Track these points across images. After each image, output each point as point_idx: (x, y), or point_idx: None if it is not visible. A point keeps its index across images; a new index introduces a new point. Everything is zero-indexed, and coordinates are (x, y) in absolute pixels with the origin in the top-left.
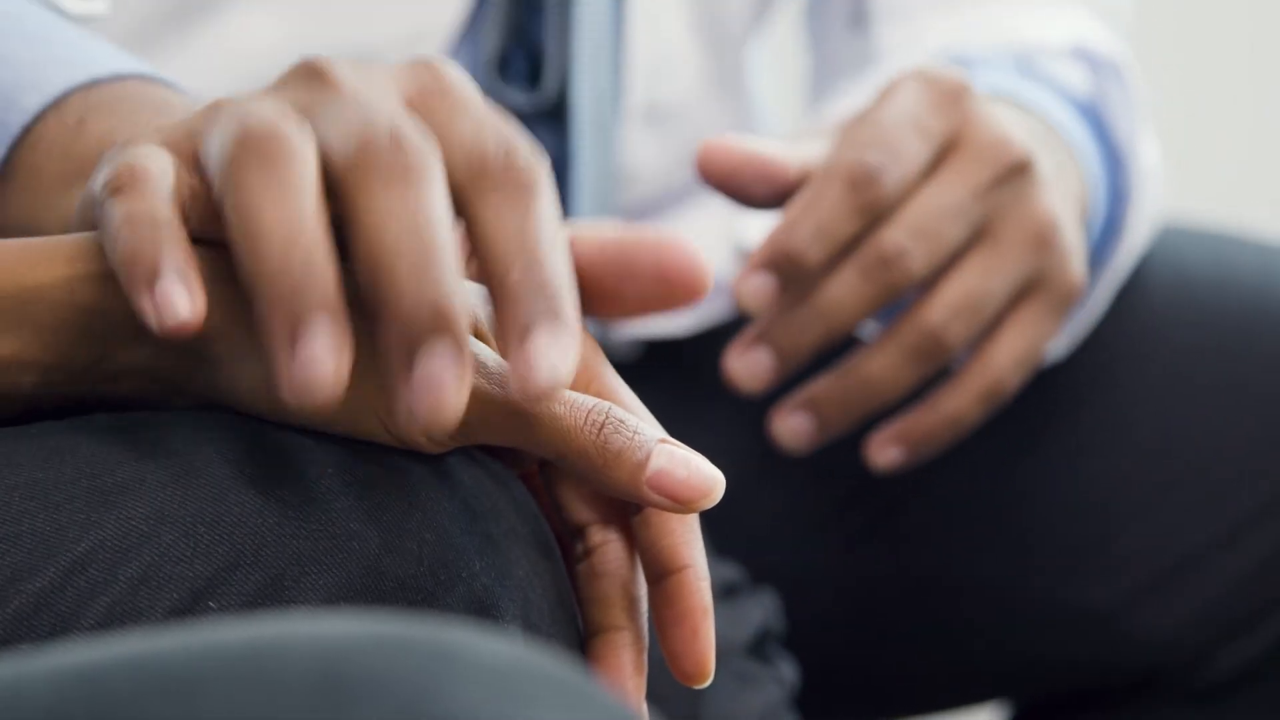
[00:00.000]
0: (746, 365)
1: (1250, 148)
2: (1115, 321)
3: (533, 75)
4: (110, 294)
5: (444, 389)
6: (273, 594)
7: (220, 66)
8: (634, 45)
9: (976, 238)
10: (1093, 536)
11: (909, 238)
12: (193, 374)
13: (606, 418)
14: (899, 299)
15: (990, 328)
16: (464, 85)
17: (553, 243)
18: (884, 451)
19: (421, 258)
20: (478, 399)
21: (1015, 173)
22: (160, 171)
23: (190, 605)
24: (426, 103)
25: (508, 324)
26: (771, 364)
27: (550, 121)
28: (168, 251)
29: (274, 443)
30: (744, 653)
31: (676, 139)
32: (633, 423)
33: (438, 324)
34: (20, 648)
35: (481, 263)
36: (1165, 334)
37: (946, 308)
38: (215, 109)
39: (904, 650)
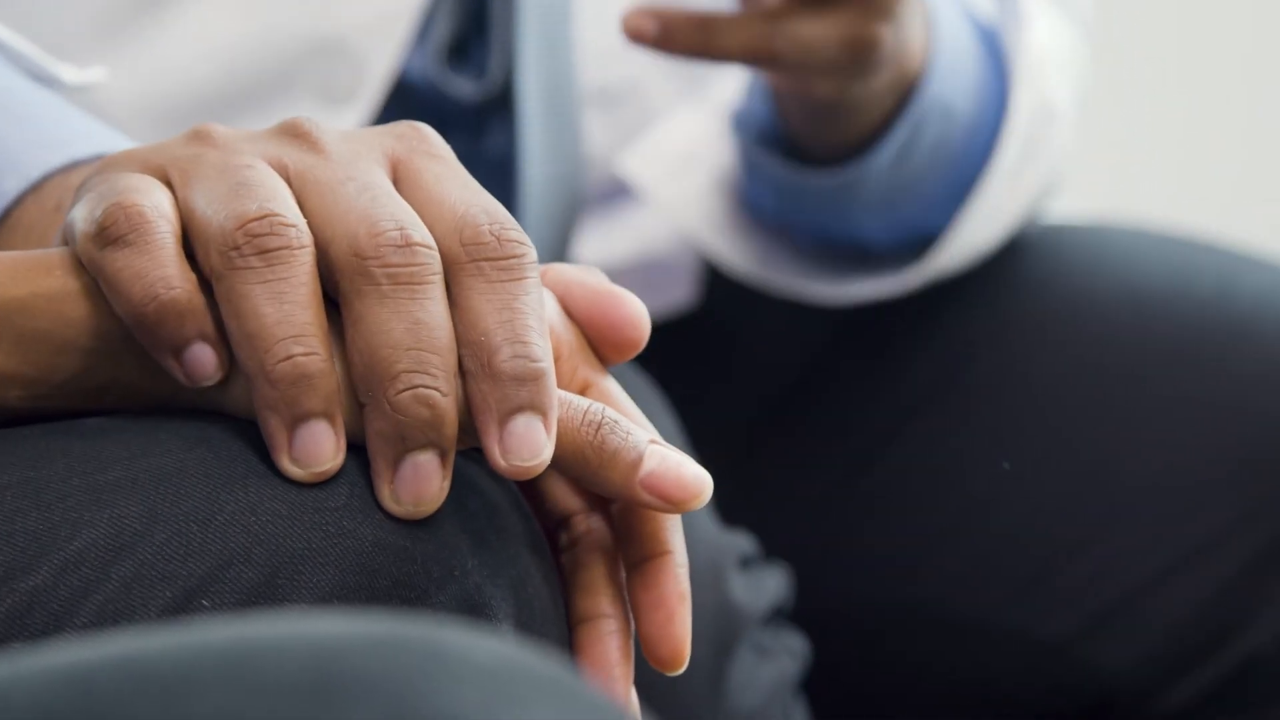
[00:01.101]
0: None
1: (1248, 151)
2: (1066, 337)
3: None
4: (94, 308)
5: (428, 487)
6: (266, 592)
7: (185, 55)
8: (582, 25)
9: None
10: (1042, 565)
11: None
12: (181, 389)
13: (603, 418)
14: None
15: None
16: (450, 153)
17: (540, 328)
18: (639, 20)
19: (419, 367)
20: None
21: None
22: (156, 212)
23: (183, 604)
24: (413, 166)
25: (490, 403)
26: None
27: (500, 112)
28: (191, 320)
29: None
30: (761, 625)
31: (632, 122)
32: (625, 424)
33: (427, 435)
34: (13, 646)
35: (465, 335)
36: (1118, 350)
37: None
38: (199, 141)
39: (859, 674)
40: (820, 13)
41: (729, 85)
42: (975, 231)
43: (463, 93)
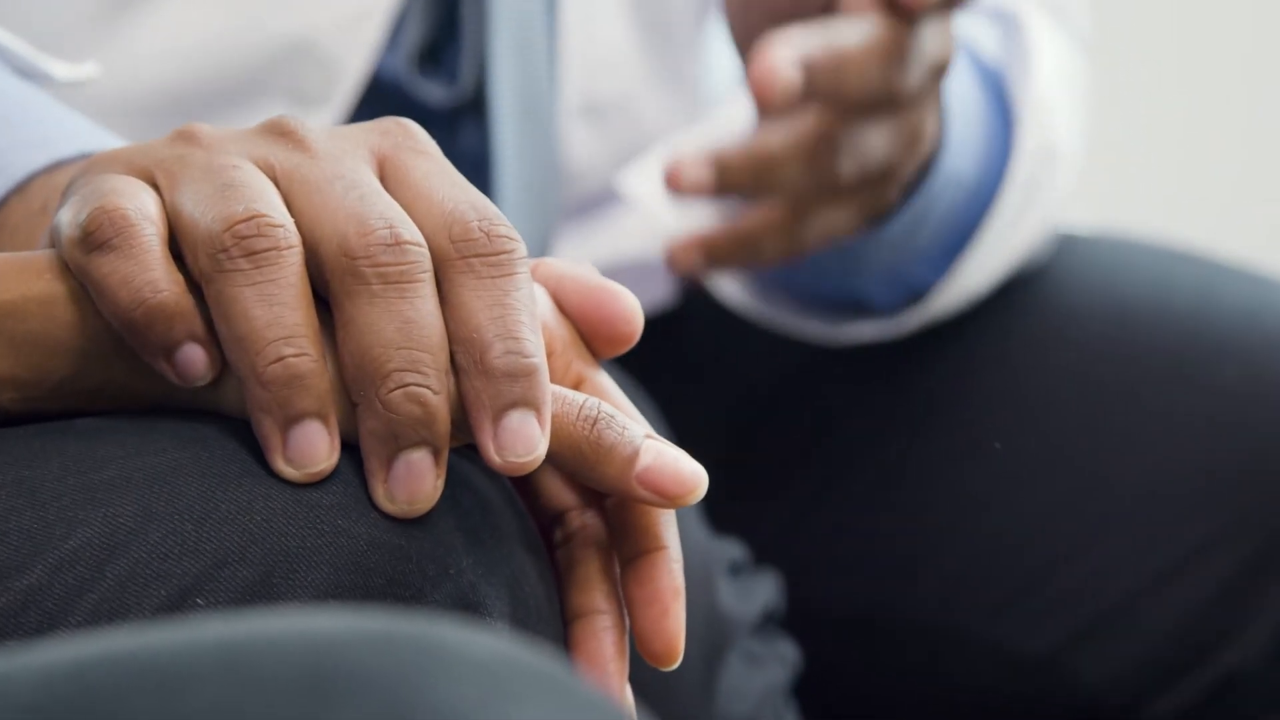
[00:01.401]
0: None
1: (1243, 158)
2: (1049, 349)
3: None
4: (85, 311)
5: (422, 485)
6: (261, 591)
7: (158, 53)
8: (568, 39)
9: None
10: (1025, 578)
11: None
12: (174, 390)
13: (599, 413)
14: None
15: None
16: (436, 149)
17: (531, 323)
18: (684, 255)
19: (410, 365)
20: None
21: (945, 68)
22: (140, 215)
23: (178, 602)
24: (400, 162)
25: (483, 399)
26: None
27: (473, 116)
28: (180, 321)
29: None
30: (751, 632)
31: (618, 134)
32: (621, 419)
33: (420, 433)
34: (7, 645)
35: (457, 332)
36: (1101, 363)
37: (853, 145)
38: (185, 141)
39: (852, 680)
40: (837, 200)
41: (729, 106)
42: (971, 277)
43: (433, 97)
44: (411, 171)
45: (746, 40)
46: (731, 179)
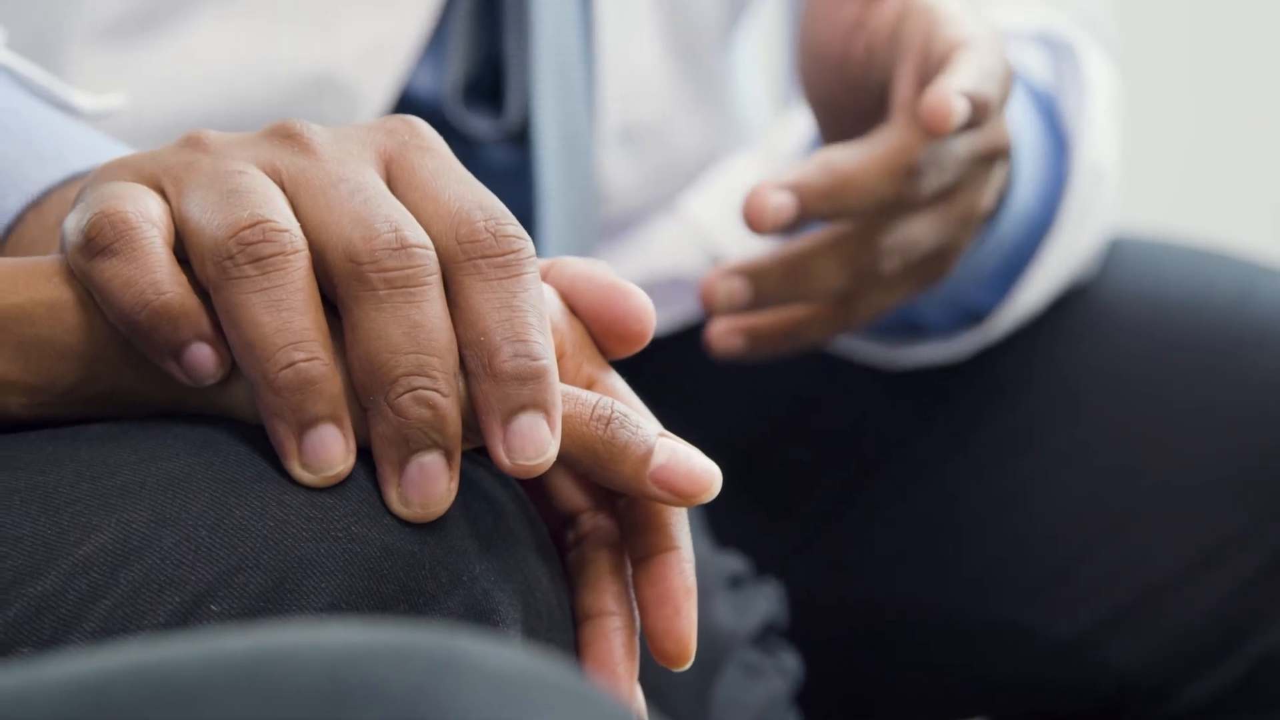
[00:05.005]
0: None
1: (1249, 158)
2: (1086, 341)
3: (499, 94)
4: (93, 315)
5: (435, 488)
6: (274, 598)
7: (183, 76)
8: (605, 68)
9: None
10: (1059, 563)
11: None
12: (185, 395)
13: (612, 412)
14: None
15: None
16: (443, 145)
17: (540, 325)
18: (726, 339)
19: (418, 370)
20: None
21: (998, 154)
22: (141, 218)
23: (192, 609)
24: (407, 162)
25: (492, 402)
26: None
27: (516, 146)
28: (185, 322)
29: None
30: (749, 643)
31: (652, 157)
32: (635, 418)
33: (431, 436)
34: (21, 651)
35: (465, 335)
36: (1137, 354)
37: (894, 241)
38: (192, 147)
39: (878, 669)
40: (883, 285)
41: (778, 133)
42: (1027, 298)
43: (480, 130)
44: (418, 171)
45: (818, 103)
46: (768, 287)
